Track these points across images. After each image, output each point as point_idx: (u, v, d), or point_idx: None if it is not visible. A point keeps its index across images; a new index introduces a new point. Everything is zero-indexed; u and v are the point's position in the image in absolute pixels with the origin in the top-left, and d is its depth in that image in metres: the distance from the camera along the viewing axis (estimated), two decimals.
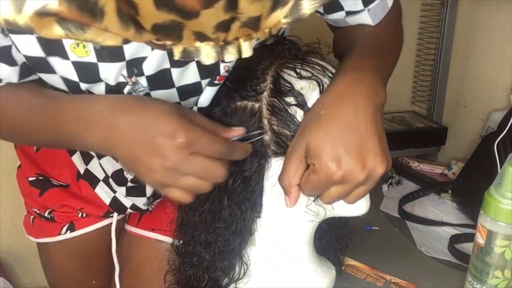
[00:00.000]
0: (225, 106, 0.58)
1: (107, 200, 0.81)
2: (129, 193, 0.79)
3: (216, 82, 0.59)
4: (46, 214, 0.84)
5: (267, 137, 0.57)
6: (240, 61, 0.59)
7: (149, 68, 0.56)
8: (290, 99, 0.56)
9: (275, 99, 0.56)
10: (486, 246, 0.59)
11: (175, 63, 0.57)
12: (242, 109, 0.57)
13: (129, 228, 0.89)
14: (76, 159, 0.79)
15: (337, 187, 0.52)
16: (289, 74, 0.57)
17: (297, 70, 0.57)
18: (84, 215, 0.84)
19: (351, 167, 0.50)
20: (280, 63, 0.59)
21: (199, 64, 0.58)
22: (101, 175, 0.79)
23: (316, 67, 0.58)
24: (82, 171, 0.80)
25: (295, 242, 0.64)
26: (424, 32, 1.42)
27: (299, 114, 0.56)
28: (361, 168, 0.50)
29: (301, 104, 0.56)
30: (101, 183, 0.80)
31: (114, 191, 0.80)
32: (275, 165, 0.57)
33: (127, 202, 0.81)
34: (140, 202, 0.81)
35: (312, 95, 0.56)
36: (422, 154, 1.40)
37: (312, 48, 0.62)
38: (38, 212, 0.84)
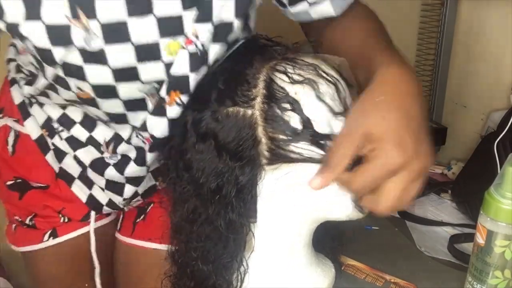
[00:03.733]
0: (216, 111, 0.56)
1: (83, 198, 0.79)
2: (108, 186, 0.77)
3: (184, 46, 0.57)
4: (27, 221, 0.82)
5: (260, 145, 0.55)
6: (229, 63, 0.57)
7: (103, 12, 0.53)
8: (286, 105, 0.54)
9: (269, 106, 0.54)
10: (486, 246, 0.59)
11: (132, 12, 0.54)
12: (234, 115, 0.55)
13: (123, 238, 0.87)
14: (50, 158, 0.77)
15: (394, 182, 0.51)
16: (281, 79, 0.55)
17: (289, 74, 0.55)
18: (66, 219, 0.82)
19: (413, 153, 0.50)
20: (271, 66, 0.56)
21: (159, 19, 0.56)
22: (76, 172, 0.77)
23: (309, 67, 0.56)
24: (57, 170, 0.78)
25: (293, 246, 0.64)
26: (424, 32, 1.42)
27: (293, 118, 0.54)
28: (421, 157, 0.51)
29: (297, 110, 0.54)
30: (77, 181, 0.78)
31: (90, 187, 0.78)
32: (270, 173, 0.56)
33: (104, 198, 0.79)
34: (117, 199, 0.79)
35: (307, 100, 0.54)
36: None
37: (302, 46, 0.61)
38: (19, 220, 0.82)
